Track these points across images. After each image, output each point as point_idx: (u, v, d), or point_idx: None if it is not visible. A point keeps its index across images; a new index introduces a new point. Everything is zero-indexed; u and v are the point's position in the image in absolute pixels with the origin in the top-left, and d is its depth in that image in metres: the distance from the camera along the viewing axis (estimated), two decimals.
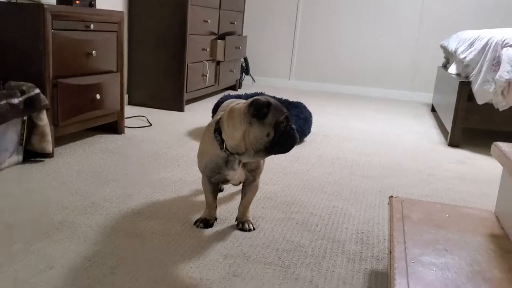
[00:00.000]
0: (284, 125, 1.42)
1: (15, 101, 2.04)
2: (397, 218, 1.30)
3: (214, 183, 1.60)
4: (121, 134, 2.82)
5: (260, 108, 1.38)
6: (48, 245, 1.44)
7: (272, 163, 2.43)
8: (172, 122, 3.27)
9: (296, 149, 2.76)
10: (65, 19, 2.26)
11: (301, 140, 2.96)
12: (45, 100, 2.14)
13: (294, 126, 1.46)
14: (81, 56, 2.41)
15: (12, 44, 2.19)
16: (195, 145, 2.70)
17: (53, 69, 2.21)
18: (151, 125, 3.11)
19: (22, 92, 2.08)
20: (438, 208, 1.42)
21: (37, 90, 2.12)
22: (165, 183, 2.04)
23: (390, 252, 1.13)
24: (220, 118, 1.50)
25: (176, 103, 3.65)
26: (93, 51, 2.47)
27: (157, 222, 1.65)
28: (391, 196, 1.48)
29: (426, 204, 1.45)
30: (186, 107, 3.79)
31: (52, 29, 2.17)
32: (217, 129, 1.49)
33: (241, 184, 1.63)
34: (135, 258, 1.40)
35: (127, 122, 3.05)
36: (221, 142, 1.47)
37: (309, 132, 3.02)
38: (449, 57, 4.09)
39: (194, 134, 2.97)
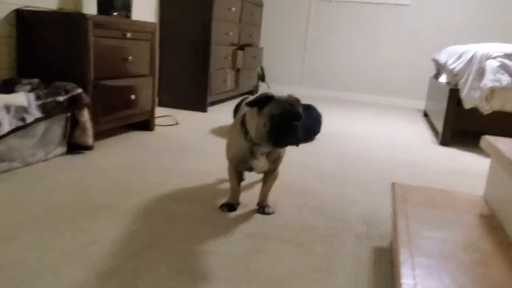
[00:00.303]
0: (280, 120, 1.37)
1: (60, 99, 2.07)
2: (399, 201, 1.34)
3: (239, 171, 1.62)
4: (152, 131, 2.85)
5: (260, 98, 1.39)
6: (91, 223, 1.46)
7: (289, 157, 2.43)
8: (197, 121, 3.29)
9: (308, 146, 2.77)
10: (104, 28, 2.29)
11: (312, 138, 2.96)
12: (86, 99, 2.18)
13: (296, 124, 1.38)
14: (118, 61, 2.45)
15: (58, 49, 2.23)
16: (218, 140, 2.72)
17: (94, 72, 2.25)
18: (178, 123, 3.14)
19: (66, 91, 2.12)
20: (434, 193, 1.45)
21: (80, 90, 2.16)
22: (193, 173, 2.06)
23: (394, 228, 1.16)
24: (246, 111, 1.51)
25: (200, 104, 3.68)
26: (129, 57, 2.51)
27: (186, 205, 1.67)
28: (394, 183, 1.51)
29: (424, 189, 1.48)
30: (209, 109, 3.81)
31: (93, 36, 2.21)
32: (243, 121, 1.50)
33: (262, 173, 1.64)
34: (168, 235, 1.41)
35: (157, 121, 3.08)
36: (246, 132, 1.48)
37: (319, 131, 3.02)
38: (440, 68, 4.11)
39: (216, 131, 2.98)
